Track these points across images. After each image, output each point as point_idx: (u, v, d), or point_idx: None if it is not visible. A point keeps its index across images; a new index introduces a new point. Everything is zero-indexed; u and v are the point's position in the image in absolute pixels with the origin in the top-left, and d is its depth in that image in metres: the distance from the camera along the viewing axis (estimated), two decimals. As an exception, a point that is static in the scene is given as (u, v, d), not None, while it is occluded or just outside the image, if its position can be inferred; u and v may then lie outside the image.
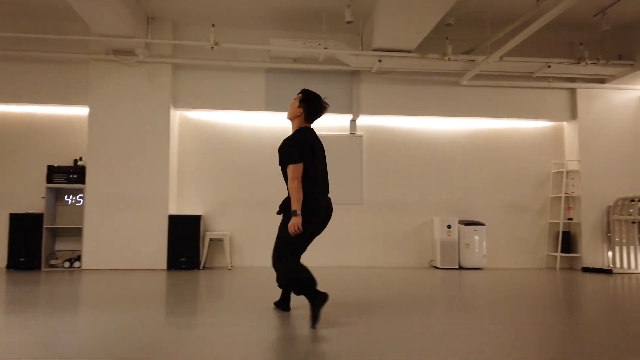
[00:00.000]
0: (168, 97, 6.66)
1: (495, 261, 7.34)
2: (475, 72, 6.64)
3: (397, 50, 6.41)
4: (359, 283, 5.71)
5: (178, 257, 6.48)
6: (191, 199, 7.05)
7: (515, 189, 7.50)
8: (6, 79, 6.60)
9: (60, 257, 6.59)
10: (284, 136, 7.13)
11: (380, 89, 7.15)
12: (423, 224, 7.33)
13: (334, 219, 7.16)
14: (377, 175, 7.32)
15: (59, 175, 6.40)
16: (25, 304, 4.10)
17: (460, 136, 7.52)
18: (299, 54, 6.63)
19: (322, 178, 3.44)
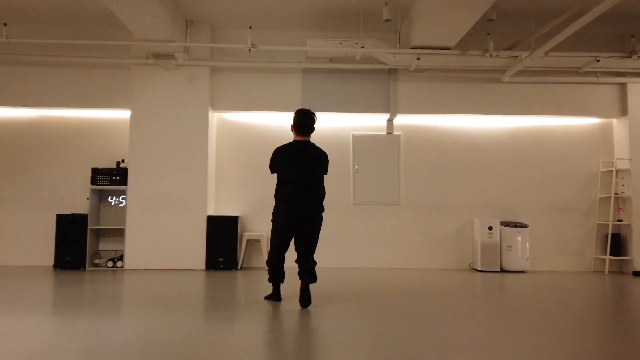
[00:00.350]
0: (206, 100, 6.73)
1: (539, 264, 7.08)
2: (518, 68, 6.40)
3: (436, 48, 6.25)
4: (396, 286, 5.60)
5: (216, 257, 6.54)
6: (229, 199, 7.10)
7: (560, 189, 7.21)
8: (52, 85, 6.81)
9: (104, 256, 6.77)
10: (319, 136, 7.11)
11: (418, 88, 7.00)
12: (463, 225, 7.14)
13: (370, 219, 7.07)
14: (415, 175, 7.17)
15: (102, 177, 6.57)
16: (71, 305, 4.21)
17: (502, 135, 7.28)
18: (335, 53, 6.57)
19: (296, 184, 3.91)
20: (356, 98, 6.95)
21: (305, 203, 3.92)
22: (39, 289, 5.04)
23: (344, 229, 7.07)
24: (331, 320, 3.71)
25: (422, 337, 3.14)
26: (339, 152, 7.15)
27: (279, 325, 3.50)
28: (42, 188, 6.93)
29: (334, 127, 7.20)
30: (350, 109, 6.95)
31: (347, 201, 7.11)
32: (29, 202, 6.90)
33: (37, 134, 7.00)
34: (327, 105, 6.93)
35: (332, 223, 7.02)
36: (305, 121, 3.97)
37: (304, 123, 3.97)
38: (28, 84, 6.79)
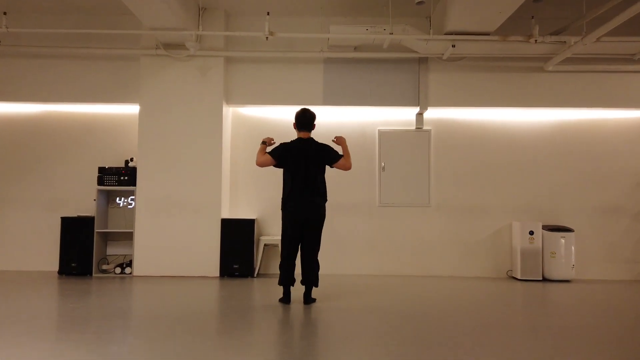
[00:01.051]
0: (220, 93, 6.25)
1: (585, 272, 6.45)
2: (565, 55, 5.76)
3: (474, 34, 5.66)
4: (425, 297, 5.08)
5: (231, 263, 6.09)
6: (244, 201, 6.63)
7: (609, 190, 6.55)
8: (56, 78, 6.40)
9: (112, 261, 6.36)
10: (342, 132, 6.65)
11: (450, 78, 6.42)
12: (500, 229, 6.55)
13: (397, 222, 6.56)
14: (447, 174, 6.60)
15: (109, 176, 6.16)
16: (70, 326, 3.74)
17: (544, 129, 6.64)
18: (361, 41, 6.02)
19: (298, 180, 4.32)
20: (383, 90, 6.41)
21: (305, 200, 4.32)
22: (39, 302, 4.60)
23: (369, 232, 6.55)
24: (354, 340, 3.23)
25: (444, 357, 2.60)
26: (363, 149, 6.63)
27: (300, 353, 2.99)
28: (45, 188, 6.54)
29: (358, 121, 6.68)
30: (376, 102, 6.43)
31: (372, 202, 6.59)
32: (32, 204, 6.52)
33: (39, 131, 6.61)
34: (351, 99, 6.41)
35: (355, 226, 6.54)
36: (305, 118, 4.46)
37: (304, 120, 4.46)
38: (30, 78, 6.39)
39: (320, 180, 4.39)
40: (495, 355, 3.07)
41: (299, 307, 4.42)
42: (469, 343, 3.34)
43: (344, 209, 6.54)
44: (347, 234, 6.53)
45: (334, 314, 4.16)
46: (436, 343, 3.33)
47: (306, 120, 4.47)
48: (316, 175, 4.36)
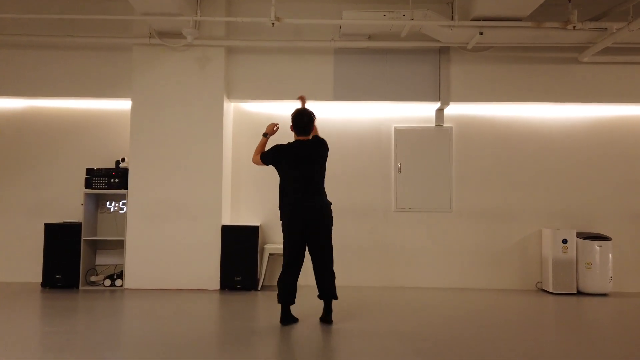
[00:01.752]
0: (221, 87, 5.74)
1: (624, 285, 5.94)
2: (606, 44, 5.21)
3: (504, 19, 5.10)
4: (446, 312, 4.63)
5: (233, 275, 5.57)
6: (247, 206, 6.13)
7: (649, 194, 6.03)
8: (39, 70, 5.89)
9: (101, 272, 5.84)
10: (354, 130, 6.24)
11: (475, 71, 5.91)
12: (529, 237, 6.03)
13: (415, 229, 6.06)
14: (470, 176, 6.09)
15: (98, 179, 5.67)
16: (51, 352, 3.16)
17: (578, 127, 6.12)
18: (377, 28, 5.46)
19: (297, 184, 4.07)
20: (399, 84, 5.91)
21: (308, 203, 4.04)
22: (15, 322, 4.03)
23: (383, 240, 6.05)
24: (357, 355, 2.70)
25: None
26: (378, 148, 6.13)
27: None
28: (28, 192, 6.03)
29: (372, 118, 6.17)
30: (392, 98, 5.92)
31: (388, 207, 6.08)
32: (14, 209, 6.02)
33: (21, 129, 6.11)
34: (364, 93, 5.92)
35: (368, 233, 6.05)
36: (302, 122, 4.20)
37: (301, 124, 4.20)
38: (10, 70, 5.89)
39: (319, 181, 4.15)
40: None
41: (309, 327, 3.85)
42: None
43: (355, 214, 6.04)
44: (359, 242, 6.04)
45: (349, 336, 3.60)
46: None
47: (302, 124, 4.19)
48: (313, 175, 4.12)
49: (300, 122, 4.20)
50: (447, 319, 4.38)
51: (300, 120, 4.20)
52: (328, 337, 3.68)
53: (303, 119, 4.21)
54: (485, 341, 3.59)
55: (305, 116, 4.23)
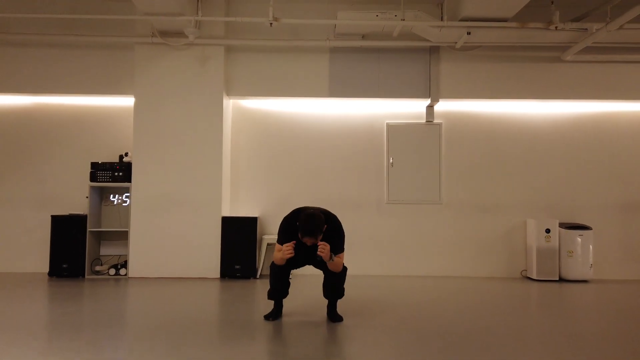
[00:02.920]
0: (220, 84, 5.93)
1: (604, 272, 6.20)
2: (586, 43, 5.47)
3: (491, 20, 5.35)
4: (436, 299, 4.82)
5: (232, 264, 5.78)
6: (246, 198, 6.32)
7: (629, 186, 6.29)
8: (45, 68, 6.04)
9: (106, 262, 6.03)
10: (349, 126, 6.40)
11: (463, 69, 6.13)
12: (514, 227, 6.27)
13: (406, 220, 6.30)
14: (459, 169, 6.32)
15: (103, 172, 5.84)
16: (64, 331, 3.40)
17: (560, 123, 6.36)
18: (370, 28, 5.69)
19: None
20: (391, 81, 6.12)
21: None
22: (28, 306, 4.25)
23: (376, 231, 6.27)
24: (364, 344, 2.98)
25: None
26: (371, 143, 6.34)
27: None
28: (35, 185, 6.18)
29: (365, 114, 6.38)
30: (385, 94, 6.13)
31: (380, 199, 6.30)
32: (21, 202, 6.17)
33: (28, 125, 6.25)
34: (358, 90, 6.12)
35: (362, 225, 6.25)
36: (308, 227, 3.44)
37: (307, 230, 3.43)
38: (18, 68, 6.03)
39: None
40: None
41: (305, 313, 4.10)
42: (486, 347, 3.04)
43: (350, 206, 6.26)
44: (353, 233, 6.19)
45: (345, 319, 3.84)
46: (453, 347, 3.03)
47: (309, 229, 3.41)
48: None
49: (306, 226, 3.43)
50: (437, 305, 4.58)
51: (307, 225, 3.43)
52: (322, 322, 3.91)
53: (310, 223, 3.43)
54: (473, 325, 3.77)
55: (316, 220, 3.44)
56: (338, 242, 3.63)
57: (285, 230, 3.63)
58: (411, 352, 3.08)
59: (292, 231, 3.56)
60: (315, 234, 3.41)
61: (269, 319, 3.78)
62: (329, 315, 3.85)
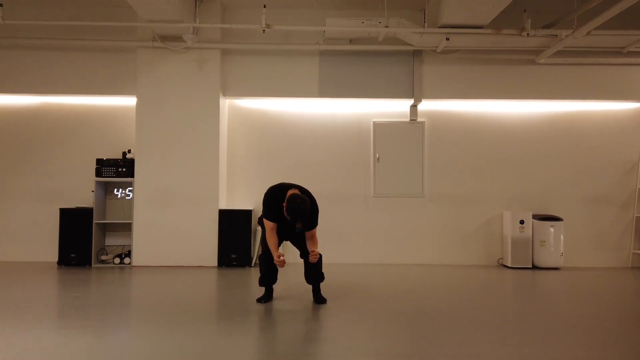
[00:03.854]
0: (217, 85, 6.29)
1: (573, 260, 6.63)
2: (557, 48, 5.88)
3: (468, 27, 5.74)
4: (418, 284, 5.23)
5: (229, 253, 6.18)
6: (241, 192, 6.71)
7: (598, 180, 6.72)
8: (53, 70, 6.39)
9: (111, 252, 6.43)
10: (338, 124, 6.76)
11: (444, 71, 6.51)
12: (491, 219, 6.70)
13: (392, 212, 6.69)
14: (440, 165, 6.72)
15: (107, 168, 6.20)
16: (72, 315, 3.83)
17: (534, 121, 6.77)
18: (356, 34, 6.08)
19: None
20: (377, 82, 6.49)
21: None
22: (41, 291, 4.68)
23: (363, 222, 6.68)
24: (345, 322, 3.37)
25: (438, 342, 2.75)
26: (358, 140, 6.73)
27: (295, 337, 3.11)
28: (44, 180, 6.55)
29: (353, 113, 6.76)
30: (371, 95, 6.51)
31: (367, 193, 6.70)
32: (31, 195, 6.54)
33: (37, 123, 6.60)
34: (346, 91, 6.49)
35: (350, 216, 6.65)
36: (295, 214, 3.83)
37: (295, 217, 3.83)
38: (27, 70, 6.37)
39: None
40: (488, 340, 3.22)
41: (291, 293, 4.53)
42: (463, 328, 3.48)
43: (339, 199, 6.65)
44: (342, 224, 6.65)
45: (329, 302, 4.28)
46: (431, 327, 3.47)
47: (300, 216, 3.80)
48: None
49: (293, 213, 3.80)
50: (417, 290, 4.98)
51: (293, 211, 3.80)
52: (308, 304, 4.34)
53: (297, 209, 3.80)
54: (449, 308, 4.14)
55: (301, 204, 3.81)
56: (313, 219, 4.07)
57: (270, 205, 4.02)
58: (385, 329, 3.52)
59: (276, 207, 3.96)
60: (303, 219, 3.83)
61: (261, 302, 4.22)
62: (315, 298, 4.26)
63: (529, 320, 3.75)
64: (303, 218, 3.81)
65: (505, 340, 3.23)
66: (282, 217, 3.95)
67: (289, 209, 3.79)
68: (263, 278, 4.27)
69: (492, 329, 3.49)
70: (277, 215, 3.99)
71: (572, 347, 3.10)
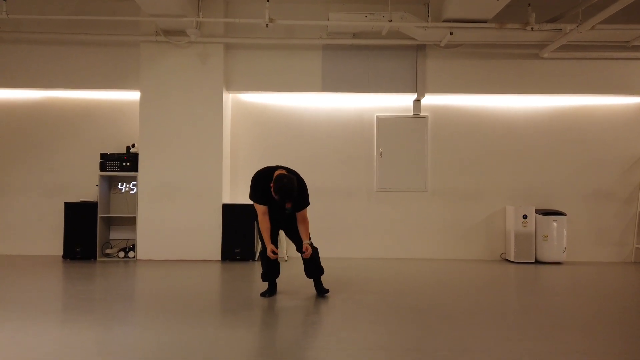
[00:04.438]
0: (220, 79, 6.31)
1: (576, 254, 6.63)
2: (561, 42, 5.86)
3: (472, 21, 5.73)
4: (420, 279, 5.25)
5: (232, 247, 6.22)
6: (244, 186, 6.67)
7: (601, 175, 6.71)
8: (57, 65, 6.41)
9: (115, 246, 6.47)
10: (342, 119, 6.76)
11: (448, 65, 6.50)
12: (494, 214, 6.71)
13: (395, 207, 6.70)
14: (444, 160, 6.72)
15: (112, 162, 6.25)
16: (77, 309, 3.88)
17: (537, 116, 6.75)
18: (359, 28, 6.07)
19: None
20: (381, 77, 6.49)
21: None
22: (46, 284, 4.73)
23: (366, 217, 6.70)
24: (348, 316, 3.40)
25: (441, 336, 2.76)
26: (361, 135, 6.73)
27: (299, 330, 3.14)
28: (48, 175, 6.59)
29: (356, 108, 6.77)
30: (374, 89, 6.51)
31: (370, 187, 6.72)
32: (36, 190, 6.58)
33: (41, 118, 6.63)
34: (349, 85, 6.49)
35: (353, 211, 6.67)
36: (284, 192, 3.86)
37: (282, 195, 3.86)
38: (31, 64, 6.40)
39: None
40: (490, 335, 3.24)
41: (293, 286, 4.57)
42: (466, 322, 3.51)
43: (342, 194, 6.67)
44: (345, 218, 6.67)
45: (335, 299, 4.31)
46: (433, 321, 3.49)
47: (288, 195, 3.84)
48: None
49: (281, 192, 3.84)
50: (420, 284, 5.01)
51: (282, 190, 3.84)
52: (311, 297, 4.38)
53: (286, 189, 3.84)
54: (455, 304, 4.15)
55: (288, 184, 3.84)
56: (303, 198, 4.10)
57: (258, 188, 4.04)
58: (388, 324, 3.54)
59: (264, 189, 3.99)
60: (292, 197, 3.86)
61: (265, 296, 4.26)
62: (317, 290, 4.31)
63: (532, 314, 3.77)
64: (291, 196, 3.82)
65: (508, 334, 3.25)
66: (271, 199, 3.96)
67: (277, 188, 3.82)
68: (265, 274, 4.33)
69: (494, 324, 3.50)
70: (266, 198, 4.00)
71: (575, 341, 3.12)
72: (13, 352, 2.79)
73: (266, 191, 3.97)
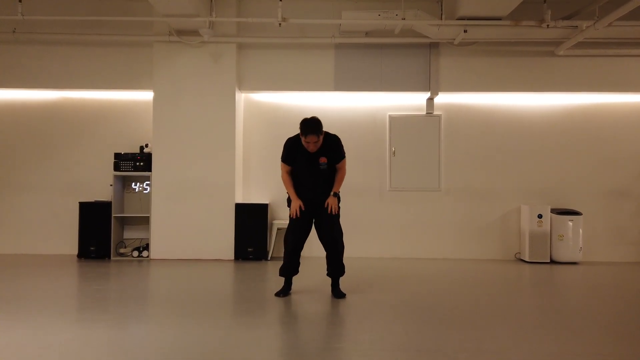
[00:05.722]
0: (233, 79, 6.31)
1: (592, 254, 6.54)
2: (577, 40, 5.77)
3: (486, 18, 5.67)
4: (435, 279, 5.23)
5: (245, 247, 6.23)
6: (257, 186, 6.73)
7: (618, 173, 6.61)
8: (71, 65, 6.45)
9: (129, 245, 6.51)
10: (354, 118, 6.73)
11: (461, 63, 6.44)
12: (509, 213, 6.64)
13: (408, 206, 6.66)
14: (457, 158, 6.67)
15: (125, 162, 6.27)
16: (92, 308, 3.90)
17: (553, 114, 6.67)
18: (372, 26, 6.04)
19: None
20: (393, 76, 6.45)
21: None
22: (62, 283, 4.77)
23: (379, 216, 6.66)
24: (364, 317, 3.37)
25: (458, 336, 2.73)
26: (374, 134, 6.70)
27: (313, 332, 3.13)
28: (63, 174, 6.63)
29: (369, 107, 6.73)
30: (387, 88, 6.47)
31: (383, 187, 6.68)
32: (51, 189, 6.63)
33: (55, 118, 6.67)
34: (362, 84, 6.46)
35: (366, 210, 6.64)
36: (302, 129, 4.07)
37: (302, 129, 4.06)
38: (45, 65, 6.44)
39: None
40: (508, 336, 3.21)
41: (307, 287, 4.56)
42: (483, 323, 3.47)
43: (355, 193, 6.60)
44: (358, 217, 6.63)
45: (347, 295, 4.29)
46: (450, 322, 3.46)
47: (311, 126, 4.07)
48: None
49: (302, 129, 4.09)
50: (434, 284, 4.99)
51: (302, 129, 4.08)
52: (327, 298, 4.36)
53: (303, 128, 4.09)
54: (467, 303, 4.14)
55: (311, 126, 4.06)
56: (338, 150, 4.26)
57: (289, 147, 4.19)
58: (404, 324, 3.52)
59: (295, 147, 4.14)
60: (317, 131, 3.99)
61: (280, 296, 4.24)
62: (333, 292, 4.28)
63: (549, 315, 3.73)
64: (317, 130, 3.97)
65: (526, 336, 3.21)
66: (305, 155, 4.08)
67: (303, 125, 4.00)
68: (285, 267, 4.28)
69: (511, 324, 3.47)
70: (295, 156, 4.13)
71: (593, 343, 3.08)
72: (30, 350, 2.81)
73: (297, 147, 4.10)
